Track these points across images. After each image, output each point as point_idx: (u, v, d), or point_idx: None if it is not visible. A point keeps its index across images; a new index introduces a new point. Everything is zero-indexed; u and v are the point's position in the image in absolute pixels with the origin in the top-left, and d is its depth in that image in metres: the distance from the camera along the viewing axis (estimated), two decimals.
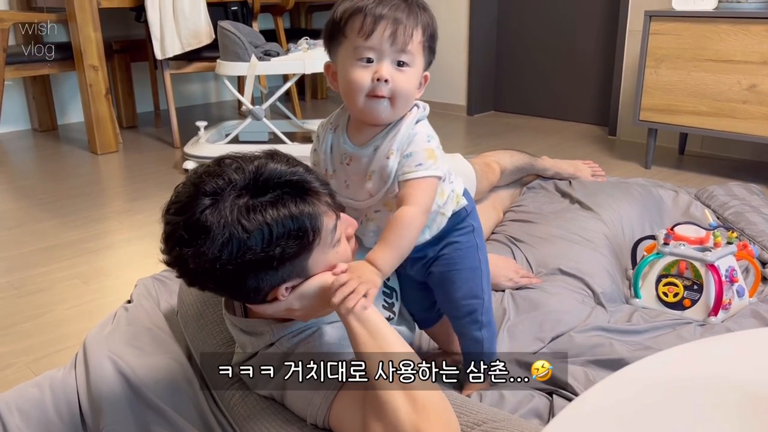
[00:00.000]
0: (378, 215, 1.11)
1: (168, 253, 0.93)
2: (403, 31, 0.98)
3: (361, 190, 1.08)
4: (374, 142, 1.05)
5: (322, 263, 0.96)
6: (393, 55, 0.99)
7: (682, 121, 2.64)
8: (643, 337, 1.41)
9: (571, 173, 2.25)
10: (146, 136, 3.62)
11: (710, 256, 1.49)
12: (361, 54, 0.99)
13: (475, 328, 1.21)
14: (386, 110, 1.01)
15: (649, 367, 0.66)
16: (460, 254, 1.17)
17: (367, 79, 0.99)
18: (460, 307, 1.19)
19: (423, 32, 1.01)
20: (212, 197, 0.90)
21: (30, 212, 2.44)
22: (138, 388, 1.23)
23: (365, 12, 0.98)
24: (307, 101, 4.59)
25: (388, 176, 1.04)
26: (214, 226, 0.88)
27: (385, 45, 0.98)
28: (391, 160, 1.03)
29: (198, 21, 3.12)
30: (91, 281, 1.88)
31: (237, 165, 0.93)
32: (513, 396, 1.20)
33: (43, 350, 1.53)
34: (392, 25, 0.98)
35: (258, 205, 0.89)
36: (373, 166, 1.05)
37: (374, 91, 0.99)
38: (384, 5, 0.98)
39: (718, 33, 2.47)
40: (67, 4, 3.04)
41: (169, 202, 0.95)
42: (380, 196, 1.07)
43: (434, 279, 1.20)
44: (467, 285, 1.18)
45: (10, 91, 3.63)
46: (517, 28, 3.84)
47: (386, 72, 0.99)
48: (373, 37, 0.98)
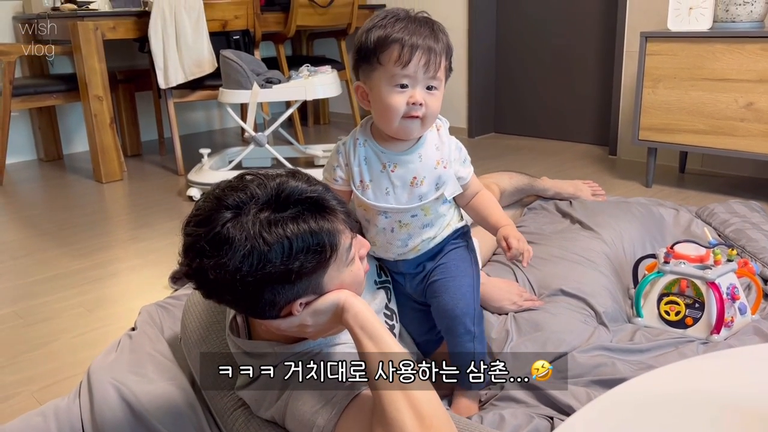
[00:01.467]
0: (414, 220, 1.21)
1: (188, 264, 0.95)
2: (435, 60, 1.09)
3: (409, 195, 1.18)
4: (416, 150, 1.17)
5: (336, 280, 0.98)
6: (425, 81, 1.11)
7: (681, 139, 2.66)
8: (645, 356, 1.41)
9: (571, 193, 2.26)
10: (150, 164, 3.66)
11: (711, 274, 1.50)
12: (398, 81, 1.10)
13: (468, 338, 1.24)
14: (418, 129, 1.15)
15: (643, 384, 0.67)
16: (455, 265, 1.26)
17: (403, 103, 1.10)
18: (453, 317, 1.23)
19: (446, 56, 1.13)
20: (234, 210, 0.92)
21: (36, 241, 2.46)
22: (141, 415, 1.23)
23: (402, 43, 1.07)
24: (309, 127, 4.63)
25: (443, 183, 1.18)
26: (236, 239, 0.90)
27: (419, 73, 1.09)
28: (448, 170, 1.19)
29: (201, 50, 3.17)
30: (96, 309, 1.89)
31: (259, 181, 0.96)
32: (513, 418, 1.20)
33: (48, 379, 1.53)
34: (426, 55, 1.08)
35: (279, 219, 0.92)
36: (424, 172, 1.18)
37: (409, 113, 1.11)
38: (417, 35, 1.08)
39: (714, 52, 2.49)
40: (72, 37, 3.09)
41: (190, 215, 0.97)
42: (427, 200, 1.19)
43: (430, 290, 1.26)
44: (460, 292, 1.24)
45: (17, 122, 3.68)
46: (515, 51, 3.89)
47: (420, 97, 1.10)
48: (410, 66, 1.08)
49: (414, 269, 1.28)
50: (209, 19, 3.21)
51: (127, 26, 3.21)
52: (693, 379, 0.72)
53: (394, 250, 1.25)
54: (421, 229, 1.22)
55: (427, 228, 1.23)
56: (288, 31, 3.62)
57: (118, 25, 3.18)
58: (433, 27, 1.11)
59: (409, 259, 1.26)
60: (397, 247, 1.24)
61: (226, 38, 3.47)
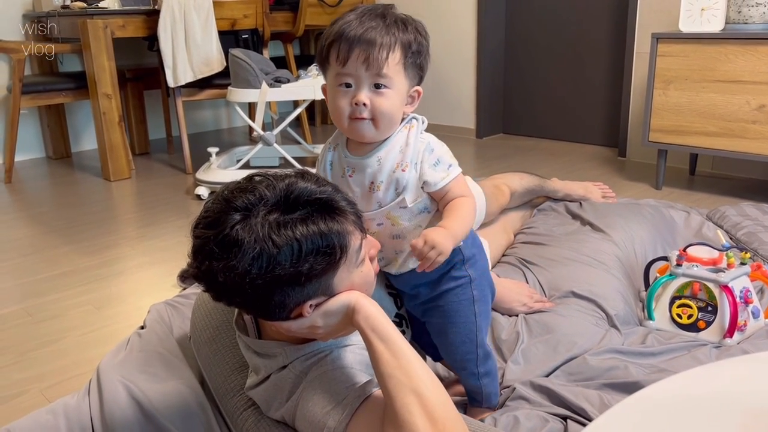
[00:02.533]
0: (381, 229, 1.12)
1: (197, 266, 0.94)
2: (378, 56, 1.00)
3: (367, 201, 1.10)
4: (376, 153, 1.08)
5: (346, 282, 0.98)
6: (370, 79, 1.02)
7: (692, 141, 2.64)
8: (657, 360, 1.40)
9: (581, 195, 2.25)
10: (159, 162, 3.66)
11: (724, 277, 1.48)
12: (341, 80, 1.03)
13: (473, 379, 1.22)
14: (370, 130, 1.05)
15: (661, 390, 0.66)
16: (454, 308, 1.17)
17: (347, 103, 1.03)
18: (455, 360, 1.22)
19: (403, 52, 1.02)
20: (243, 212, 0.92)
21: (44, 239, 2.46)
22: (151, 414, 1.23)
23: (341, 39, 1.01)
24: (317, 126, 4.63)
25: (404, 188, 1.07)
26: (245, 241, 0.89)
27: (360, 71, 1.01)
28: (407, 173, 1.07)
29: (209, 49, 3.17)
30: (105, 307, 1.89)
31: (268, 182, 0.95)
32: (528, 420, 1.19)
33: (57, 377, 1.53)
34: (365, 51, 1.00)
35: (288, 221, 0.91)
36: (381, 176, 1.08)
37: (354, 114, 1.03)
38: (360, 28, 1.00)
39: (726, 54, 2.48)
40: (82, 35, 3.10)
41: (199, 217, 0.96)
42: (389, 207, 1.09)
43: (431, 328, 1.22)
44: (460, 339, 1.18)
45: (26, 120, 3.69)
46: (525, 51, 3.87)
47: (363, 97, 1.02)
48: (348, 65, 1.01)
49: (410, 290, 1.20)
50: (218, 17, 3.21)
51: (137, 24, 3.21)
52: (714, 384, 0.71)
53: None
54: (391, 239, 1.13)
55: (399, 240, 1.13)
56: (297, 31, 3.62)
57: (128, 24, 3.18)
58: (386, 20, 1.02)
59: (394, 274, 1.18)
60: None
61: (235, 37, 3.48)
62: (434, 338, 1.24)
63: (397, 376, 0.91)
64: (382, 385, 0.93)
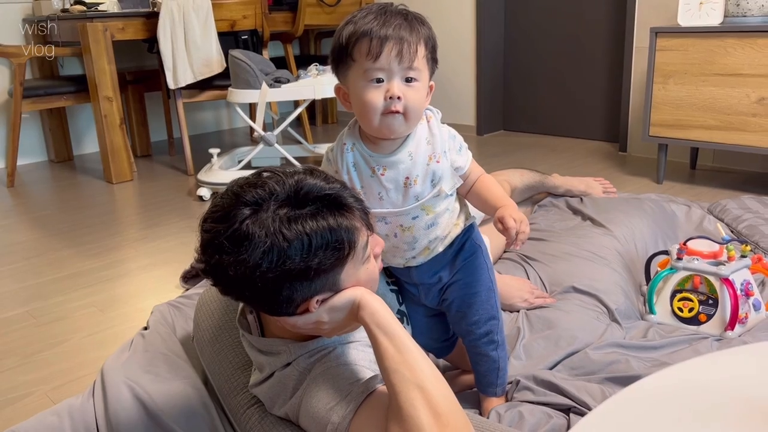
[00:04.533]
0: (416, 222, 1.14)
1: (206, 261, 0.95)
2: (408, 49, 1.02)
3: (404, 196, 1.11)
4: (406, 148, 1.10)
5: (353, 278, 0.98)
6: (401, 73, 1.03)
7: (692, 135, 2.64)
8: (659, 353, 1.40)
9: (582, 190, 2.26)
10: (160, 164, 3.67)
11: (724, 270, 1.49)
12: (372, 75, 1.03)
13: (492, 348, 1.23)
14: (402, 125, 1.06)
15: (659, 381, 0.66)
16: (475, 278, 1.20)
17: (380, 98, 1.03)
18: (478, 330, 1.21)
19: (426, 46, 1.06)
20: (253, 207, 0.92)
21: (47, 242, 2.47)
22: (155, 414, 1.24)
23: (371, 35, 1.02)
24: (318, 126, 4.63)
25: (440, 178, 1.10)
26: (256, 235, 0.90)
27: (393, 64, 1.02)
28: (441, 164, 1.11)
29: (209, 50, 3.18)
30: (108, 309, 1.90)
31: (278, 178, 0.96)
32: (531, 416, 1.20)
33: (62, 378, 1.54)
34: (398, 44, 1.02)
35: (299, 216, 0.92)
36: (417, 171, 1.10)
37: (388, 108, 1.03)
38: (387, 26, 1.02)
39: (725, 47, 2.48)
40: (82, 38, 3.11)
41: (207, 211, 0.97)
42: (426, 199, 1.11)
43: (451, 305, 1.22)
44: (484, 307, 1.20)
45: (27, 124, 3.70)
46: (524, 48, 3.87)
47: (397, 90, 1.03)
48: (381, 59, 1.02)
49: (429, 279, 1.21)
50: (217, 19, 3.22)
51: (136, 27, 3.22)
52: (708, 374, 0.71)
53: (402, 255, 1.18)
54: (425, 230, 1.15)
55: (433, 228, 1.15)
56: (296, 31, 3.63)
57: (127, 26, 3.19)
58: (407, 17, 1.05)
59: (420, 265, 1.19)
60: (404, 251, 1.17)
61: (235, 38, 3.48)
62: (456, 317, 1.23)
63: (401, 371, 0.91)
64: (386, 379, 0.93)
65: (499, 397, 1.27)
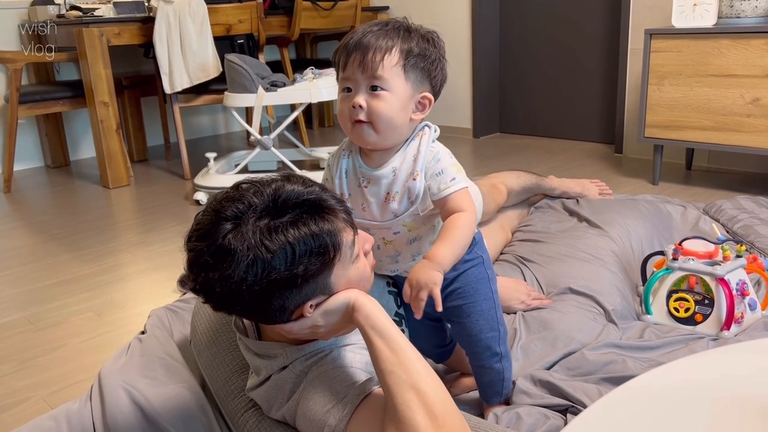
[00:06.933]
0: (397, 237, 1.13)
1: (194, 279, 0.95)
2: (373, 58, 1.01)
3: (383, 211, 1.11)
4: (391, 164, 1.09)
5: (343, 279, 0.98)
6: (366, 82, 1.03)
7: (687, 136, 2.65)
8: (655, 354, 1.41)
9: (578, 192, 2.26)
10: (157, 169, 3.67)
11: (720, 270, 1.49)
12: (343, 85, 1.05)
13: (495, 360, 1.22)
14: (371, 135, 1.04)
15: (653, 379, 0.67)
16: (474, 287, 1.18)
17: (347, 107, 1.04)
18: (478, 341, 1.20)
19: (402, 55, 1.02)
20: (233, 221, 0.92)
21: (44, 247, 2.47)
22: (153, 418, 1.24)
23: (346, 47, 1.04)
24: (314, 129, 4.64)
25: (416, 197, 1.08)
26: (238, 249, 0.90)
27: (357, 74, 1.03)
28: (417, 182, 1.07)
29: (205, 55, 3.19)
30: (105, 314, 1.90)
31: (255, 189, 0.95)
32: (529, 417, 1.20)
33: (59, 383, 1.54)
34: (361, 54, 1.02)
35: (279, 225, 0.92)
36: (396, 187, 1.08)
37: (353, 117, 1.04)
38: (362, 36, 1.03)
39: (719, 48, 2.49)
40: (78, 43, 3.11)
41: (191, 230, 0.97)
42: (405, 217, 1.10)
43: (450, 313, 1.21)
44: (484, 318, 1.19)
45: (24, 129, 3.70)
46: (520, 51, 3.88)
47: (359, 99, 1.03)
48: (347, 69, 1.04)
49: None
50: (213, 23, 3.23)
51: (132, 32, 3.22)
52: (701, 372, 0.71)
53: (388, 267, 1.18)
54: (408, 245, 1.14)
55: (416, 242, 1.14)
56: (292, 35, 3.63)
57: (123, 31, 3.19)
58: (388, 26, 1.03)
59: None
60: (388, 264, 1.18)
61: (231, 42, 3.49)
62: (456, 328, 1.22)
63: (396, 373, 0.92)
64: (382, 381, 0.94)
65: (500, 405, 1.27)
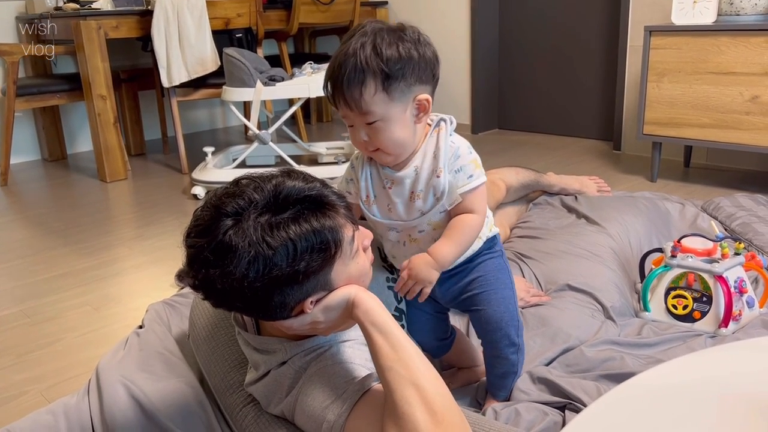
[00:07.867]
0: (422, 236, 1.15)
1: (194, 276, 0.94)
2: (351, 96, 1.01)
3: (409, 210, 1.12)
4: (412, 164, 1.10)
5: (344, 275, 0.98)
6: (359, 119, 1.04)
7: (686, 133, 2.65)
8: (654, 351, 1.41)
9: (577, 189, 2.26)
10: (154, 163, 3.66)
11: (718, 267, 1.49)
12: (345, 121, 1.08)
13: (512, 351, 1.22)
14: (386, 157, 1.08)
15: (652, 378, 0.67)
16: (495, 276, 1.20)
17: (355, 141, 1.08)
18: (498, 329, 1.20)
19: (378, 81, 1.00)
20: (234, 217, 0.92)
21: (41, 241, 2.46)
22: (151, 413, 1.24)
23: (326, 80, 1.05)
24: (312, 124, 4.63)
25: (442, 193, 1.09)
26: (240, 246, 0.90)
27: (348, 113, 1.05)
28: (441, 178, 1.08)
29: (203, 49, 3.17)
30: (102, 308, 1.89)
31: (255, 184, 0.95)
32: (527, 413, 1.20)
33: (56, 377, 1.54)
34: (340, 94, 1.03)
35: (280, 221, 0.91)
36: (420, 185, 1.10)
37: (364, 149, 1.08)
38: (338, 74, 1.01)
39: (719, 46, 2.49)
40: (75, 36, 3.09)
41: (190, 226, 0.96)
42: (431, 214, 1.11)
43: (471, 302, 1.21)
44: (504, 305, 1.20)
45: (21, 122, 3.68)
46: (518, 47, 3.88)
47: (361, 135, 1.06)
48: (339, 108, 1.06)
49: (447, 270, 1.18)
50: (212, 17, 3.21)
51: (130, 25, 3.21)
52: (702, 371, 0.71)
53: None
54: (432, 242, 1.14)
55: None
56: (290, 29, 3.62)
57: (121, 24, 3.18)
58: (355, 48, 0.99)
59: None
60: None
61: (229, 36, 3.47)
62: (475, 316, 1.21)
63: (396, 369, 0.92)
64: (381, 377, 0.93)
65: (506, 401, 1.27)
